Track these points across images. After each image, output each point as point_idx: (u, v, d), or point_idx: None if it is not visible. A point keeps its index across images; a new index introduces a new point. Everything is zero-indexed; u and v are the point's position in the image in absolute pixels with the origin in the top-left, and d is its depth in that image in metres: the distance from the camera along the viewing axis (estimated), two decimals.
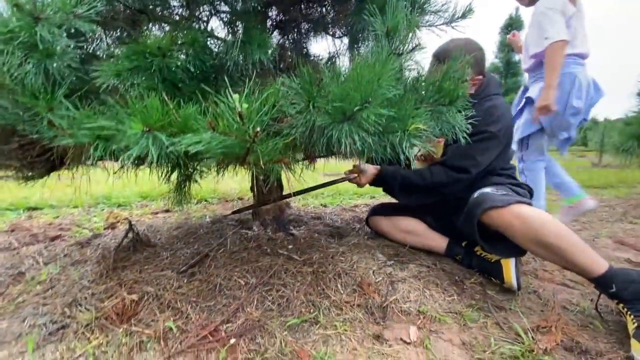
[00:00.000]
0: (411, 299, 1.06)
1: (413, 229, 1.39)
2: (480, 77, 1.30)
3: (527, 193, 1.28)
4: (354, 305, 1.01)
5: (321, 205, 2.49)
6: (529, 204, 1.05)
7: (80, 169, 1.07)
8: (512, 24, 10.53)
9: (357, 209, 2.31)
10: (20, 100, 0.62)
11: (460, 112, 0.82)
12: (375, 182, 1.36)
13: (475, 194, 1.14)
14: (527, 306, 1.08)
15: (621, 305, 0.92)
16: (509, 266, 1.12)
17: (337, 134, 0.64)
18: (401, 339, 0.89)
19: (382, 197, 2.97)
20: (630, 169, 5.37)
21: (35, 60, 0.67)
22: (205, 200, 2.49)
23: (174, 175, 1.14)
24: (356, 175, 1.35)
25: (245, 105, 0.53)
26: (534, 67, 1.81)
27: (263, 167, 0.63)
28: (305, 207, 2.38)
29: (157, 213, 2.12)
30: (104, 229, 1.75)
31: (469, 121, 0.91)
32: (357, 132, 0.64)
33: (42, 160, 0.92)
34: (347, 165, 1.41)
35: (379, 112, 0.59)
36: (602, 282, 0.93)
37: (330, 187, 1.49)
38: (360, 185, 1.37)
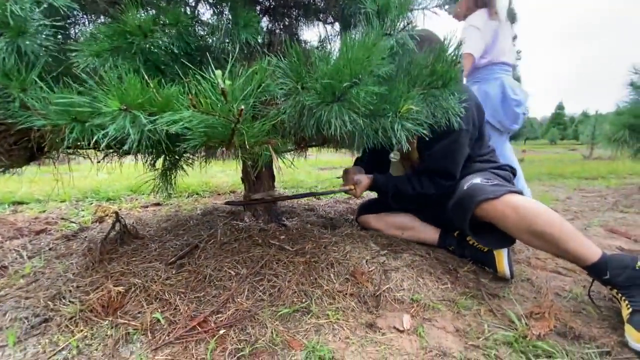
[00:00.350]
0: (404, 287, 1.05)
1: (405, 224, 1.38)
2: None
3: (509, 175, 1.28)
4: (346, 294, 0.99)
5: (315, 198, 2.46)
6: (520, 192, 1.04)
7: (63, 159, 1.03)
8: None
9: (350, 201, 2.29)
10: None
11: (453, 95, 0.80)
12: (369, 189, 1.40)
13: (465, 186, 1.12)
14: (520, 293, 1.08)
15: (615, 291, 0.91)
16: (501, 255, 1.11)
17: (327, 114, 0.61)
18: (394, 327, 0.88)
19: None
20: (621, 161, 5.45)
21: (6, 38, 0.64)
22: (197, 194, 2.45)
23: (160, 164, 1.10)
24: (352, 187, 1.38)
25: (228, 82, 0.51)
26: (468, 73, 1.98)
27: (249, 149, 0.61)
28: (298, 199, 2.36)
29: (147, 207, 2.08)
30: (92, 222, 1.71)
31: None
32: (348, 112, 0.61)
33: (20, 148, 0.88)
34: (340, 158, 1.40)
35: (370, 90, 0.56)
36: (596, 269, 0.92)
37: (324, 179, 1.49)
38: (356, 196, 1.40)
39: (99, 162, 0.97)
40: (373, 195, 1.62)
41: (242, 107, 0.50)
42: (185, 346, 0.78)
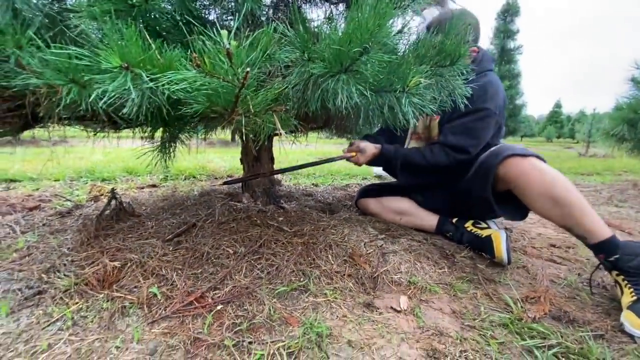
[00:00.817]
0: (402, 270, 1.05)
1: (403, 209, 1.37)
2: (475, 47, 1.27)
3: None
4: (344, 275, 0.99)
5: (312, 184, 2.45)
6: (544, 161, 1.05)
7: (57, 142, 1.00)
8: (509, 10, 10.42)
9: (348, 188, 2.28)
10: None
11: (461, 74, 0.79)
12: (375, 161, 1.33)
13: (489, 150, 1.13)
14: (516, 279, 1.09)
15: (621, 277, 0.90)
16: (499, 240, 1.11)
17: (334, 84, 0.59)
18: (391, 307, 0.88)
19: (374, 178, 2.95)
20: (616, 158, 5.50)
21: None
22: (194, 177, 2.43)
23: (159, 136, 1.08)
24: (354, 154, 1.31)
25: (234, 43, 0.49)
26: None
27: (253, 118, 0.59)
28: (296, 185, 2.35)
29: (142, 188, 2.06)
30: (87, 201, 1.69)
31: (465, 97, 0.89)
32: (355, 84, 0.60)
33: (14, 115, 0.85)
34: (339, 149, 1.38)
35: (380, 58, 0.54)
36: (606, 247, 0.92)
37: (322, 165, 1.47)
38: (358, 164, 1.33)
39: (95, 134, 0.94)
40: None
41: (248, 69, 0.49)
42: (182, 320, 0.78)
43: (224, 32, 0.48)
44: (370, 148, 1.31)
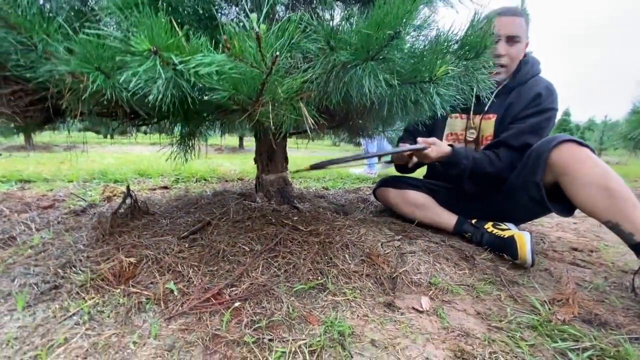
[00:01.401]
0: (421, 271, 1.02)
1: (422, 203, 1.34)
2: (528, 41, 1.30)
3: None
4: (362, 274, 0.96)
5: (323, 187, 2.44)
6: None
7: (72, 146, 1.00)
8: None
9: (360, 192, 2.26)
10: (13, 21, 0.56)
11: (485, 67, 0.77)
12: (444, 161, 1.22)
13: (540, 141, 1.11)
14: (539, 282, 1.05)
15: None
16: (523, 241, 1.08)
17: (360, 72, 0.58)
18: (413, 308, 0.85)
19: None
20: (628, 165, 5.39)
21: None
22: (205, 179, 2.43)
23: (178, 132, 1.08)
24: (429, 146, 1.19)
25: (263, 27, 0.48)
26: None
27: (278, 106, 0.58)
28: (307, 188, 2.33)
29: (154, 189, 2.06)
30: (100, 201, 1.69)
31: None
32: (382, 72, 0.59)
33: (37, 109, 0.86)
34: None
35: (409, 47, 0.53)
36: None
37: (332, 169, 1.45)
38: (428, 158, 1.20)
39: (113, 130, 0.94)
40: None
41: (277, 53, 0.48)
42: (199, 317, 0.76)
43: (254, 16, 0.48)
44: (443, 144, 1.21)
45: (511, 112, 1.26)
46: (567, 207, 1.10)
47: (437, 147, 1.20)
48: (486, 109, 1.32)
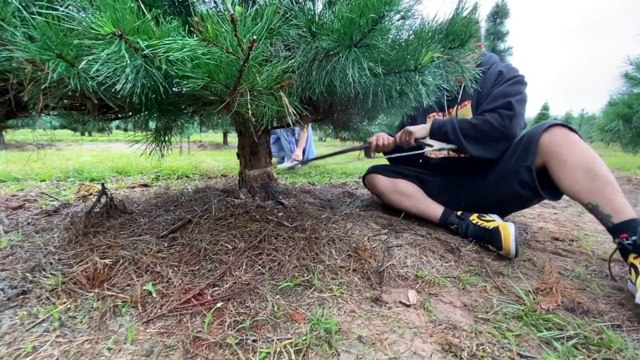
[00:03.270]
0: (408, 264, 1.02)
1: (410, 192, 1.34)
2: (481, 43, 1.35)
3: None
4: (349, 269, 0.95)
5: (309, 183, 2.41)
6: None
7: (43, 146, 0.94)
8: (499, 12, 10.58)
9: (346, 186, 2.25)
10: None
11: (470, 53, 0.76)
12: (431, 132, 1.30)
13: (533, 127, 1.16)
14: (523, 272, 1.06)
15: (639, 260, 0.86)
16: (507, 232, 1.09)
17: (343, 61, 0.56)
18: (400, 302, 0.84)
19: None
20: (604, 157, 5.58)
21: None
22: (187, 176, 2.36)
23: (153, 124, 1.02)
24: (371, 142, 1.37)
25: (239, 9, 0.44)
26: None
27: (257, 96, 0.55)
28: (292, 184, 2.30)
29: (134, 187, 1.98)
30: (75, 200, 1.61)
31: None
32: (366, 60, 0.56)
33: None
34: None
35: (394, 27, 0.51)
36: (631, 227, 0.89)
37: (318, 163, 1.47)
38: (410, 142, 1.33)
39: (84, 124, 0.88)
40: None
41: (255, 37, 0.44)
42: (179, 319, 0.72)
43: None
44: (418, 126, 1.32)
45: (482, 96, 1.32)
46: (553, 191, 1.14)
47: (415, 133, 1.30)
48: (459, 99, 1.39)
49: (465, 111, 1.37)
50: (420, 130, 1.31)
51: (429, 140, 1.31)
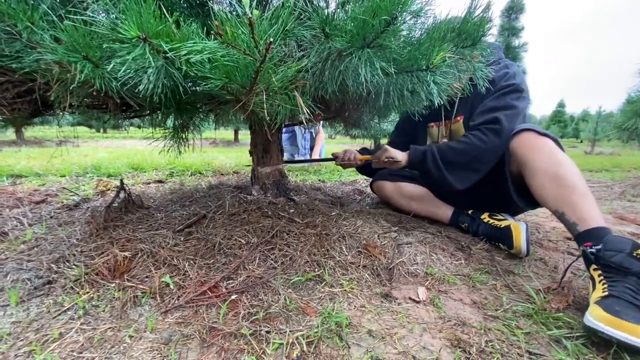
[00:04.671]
0: (418, 261, 1.03)
1: (419, 195, 1.34)
2: None
3: None
4: (359, 265, 0.96)
5: (319, 180, 2.43)
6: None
7: (64, 141, 0.98)
8: (514, 7, 10.34)
9: (356, 184, 2.26)
10: None
11: (482, 55, 0.76)
12: (410, 161, 1.24)
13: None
14: (534, 271, 1.06)
15: (598, 272, 0.80)
16: (519, 231, 1.08)
17: (356, 61, 0.57)
18: (410, 298, 0.86)
19: None
20: (622, 156, 5.43)
21: None
22: (200, 173, 2.41)
23: (171, 122, 1.06)
24: (335, 157, 1.41)
25: (256, 12, 0.46)
26: None
27: (273, 96, 0.57)
28: (303, 181, 2.33)
29: (149, 183, 2.04)
30: (93, 195, 1.67)
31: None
32: (379, 60, 0.57)
33: (25, 101, 0.83)
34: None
35: (406, 32, 0.52)
36: (593, 236, 0.85)
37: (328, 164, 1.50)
38: (392, 164, 1.27)
39: (105, 123, 0.92)
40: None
41: (271, 39, 0.46)
42: (195, 310, 0.75)
43: (246, 1, 0.46)
44: (397, 153, 1.24)
45: (474, 108, 1.24)
46: (532, 200, 1.08)
47: (383, 152, 1.26)
48: (454, 112, 1.32)
49: (458, 127, 1.32)
50: (398, 156, 1.24)
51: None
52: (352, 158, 1.43)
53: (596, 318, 0.68)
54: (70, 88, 0.63)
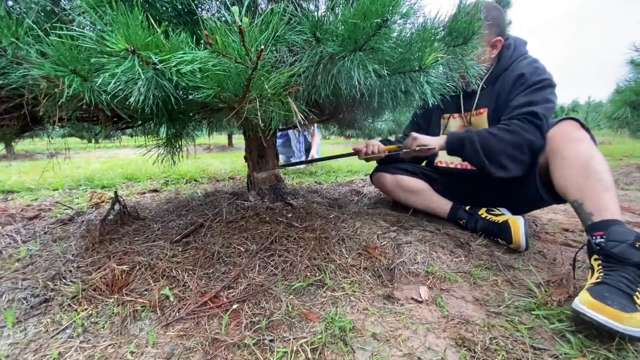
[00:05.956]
0: (418, 260, 1.03)
1: (417, 189, 1.35)
2: (501, 38, 1.24)
3: None
4: (360, 268, 0.96)
5: (316, 182, 2.43)
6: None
7: (55, 153, 0.97)
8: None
9: (353, 184, 2.26)
10: None
11: (473, 50, 0.76)
12: (448, 146, 1.18)
13: None
14: (534, 265, 1.06)
15: (598, 262, 0.80)
16: (517, 225, 1.09)
17: (348, 64, 0.57)
18: (412, 298, 0.86)
19: None
20: (613, 145, 5.51)
21: None
22: (195, 180, 2.39)
23: (164, 133, 1.04)
24: (359, 150, 1.35)
25: (246, 20, 0.46)
26: None
27: (265, 102, 0.56)
28: (299, 183, 2.32)
29: (144, 193, 2.02)
30: (88, 208, 1.65)
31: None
32: (371, 63, 0.57)
33: (13, 117, 0.82)
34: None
35: (397, 35, 0.52)
36: (606, 226, 0.84)
37: (323, 163, 1.48)
38: (428, 152, 1.21)
39: (96, 134, 0.91)
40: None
41: (262, 46, 0.46)
42: (197, 322, 0.74)
43: (235, 9, 0.46)
44: (431, 138, 1.20)
45: (500, 102, 1.22)
46: (553, 194, 1.08)
47: (414, 139, 1.20)
48: (475, 103, 1.29)
49: (480, 120, 1.28)
50: (431, 142, 1.19)
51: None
52: (376, 150, 1.37)
53: (581, 301, 0.70)
54: (59, 102, 0.61)
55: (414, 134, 1.23)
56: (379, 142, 1.45)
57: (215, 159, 4.45)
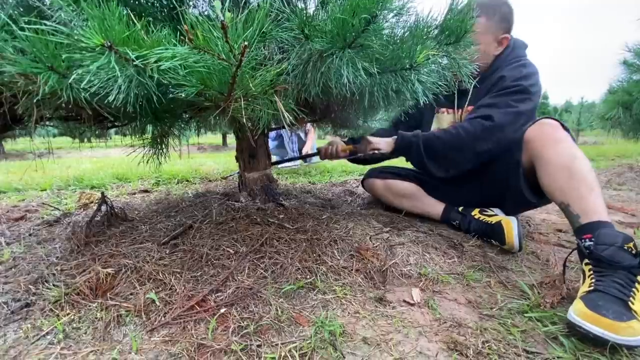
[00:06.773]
0: (411, 262, 1.01)
1: (410, 193, 1.33)
2: (508, 35, 1.24)
3: None
4: (352, 270, 0.94)
5: (309, 182, 2.41)
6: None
7: (44, 154, 0.93)
8: None
9: (347, 184, 2.24)
10: None
11: (466, 50, 0.75)
12: (396, 148, 1.26)
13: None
14: (527, 266, 1.06)
15: (589, 266, 0.79)
16: (510, 226, 1.08)
17: (337, 62, 0.55)
18: (404, 301, 0.84)
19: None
20: (605, 145, 5.56)
21: None
22: (187, 180, 2.36)
23: (149, 132, 1.02)
24: (320, 151, 1.40)
25: (229, 15, 0.44)
26: None
27: (252, 101, 0.54)
28: (293, 184, 2.30)
29: (134, 193, 1.98)
30: (76, 209, 1.61)
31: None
32: (361, 60, 0.55)
33: None
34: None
35: (387, 31, 0.50)
36: (594, 228, 0.83)
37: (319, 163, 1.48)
38: (361, 154, 1.31)
39: (81, 134, 0.88)
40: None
41: (246, 43, 0.44)
42: (183, 326, 0.72)
43: (217, 3, 0.44)
44: (381, 140, 1.26)
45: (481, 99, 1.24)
46: (540, 194, 1.08)
47: (369, 143, 1.26)
48: (467, 100, 1.30)
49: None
50: (381, 144, 1.26)
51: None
52: (334, 151, 1.42)
53: (576, 313, 0.68)
54: (37, 100, 0.59)
55: (368, 138, 1.29)
56: (341, 141, 1.48)
57: (209, 158, 4.41)
